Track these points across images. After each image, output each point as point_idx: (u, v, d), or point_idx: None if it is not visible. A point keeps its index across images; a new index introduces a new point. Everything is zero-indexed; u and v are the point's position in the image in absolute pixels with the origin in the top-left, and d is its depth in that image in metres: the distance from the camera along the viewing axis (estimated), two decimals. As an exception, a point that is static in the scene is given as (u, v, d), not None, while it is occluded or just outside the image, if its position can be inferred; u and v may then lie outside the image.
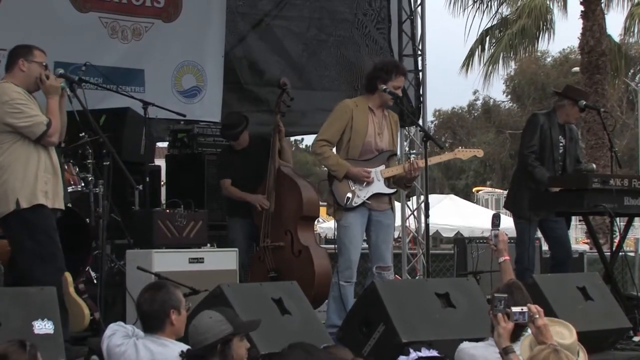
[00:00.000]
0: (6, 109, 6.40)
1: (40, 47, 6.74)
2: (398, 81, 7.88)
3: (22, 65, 6.58)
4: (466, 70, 24.77)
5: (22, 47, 6.73)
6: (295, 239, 8.54)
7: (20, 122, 6.41)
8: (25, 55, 6.62)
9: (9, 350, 4.29)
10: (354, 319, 6.66)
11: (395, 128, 8.09)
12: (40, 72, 6.60)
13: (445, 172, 46.22)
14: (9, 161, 6.41)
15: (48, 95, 6.60)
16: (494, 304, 5.00)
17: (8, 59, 6.73)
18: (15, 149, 6.42)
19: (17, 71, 6.60)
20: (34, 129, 6.43)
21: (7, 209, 6.40)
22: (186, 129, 10.39)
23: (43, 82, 6.57)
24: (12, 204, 6.37)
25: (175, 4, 10.59)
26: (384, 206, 7.92)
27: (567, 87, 9.49)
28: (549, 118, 8.89)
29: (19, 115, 6.41)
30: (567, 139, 8.93)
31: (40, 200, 6.44)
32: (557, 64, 42.22)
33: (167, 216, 7.83)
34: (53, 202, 6.55)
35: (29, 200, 6.41)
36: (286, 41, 11.48)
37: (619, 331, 7.41)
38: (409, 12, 11.78)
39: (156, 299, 5.19)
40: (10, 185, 6.39)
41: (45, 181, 6.48)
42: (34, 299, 5.57)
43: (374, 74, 7.95)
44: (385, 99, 7.88)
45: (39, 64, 6.63)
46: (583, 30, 20.31)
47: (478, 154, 8.51)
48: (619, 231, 8.62)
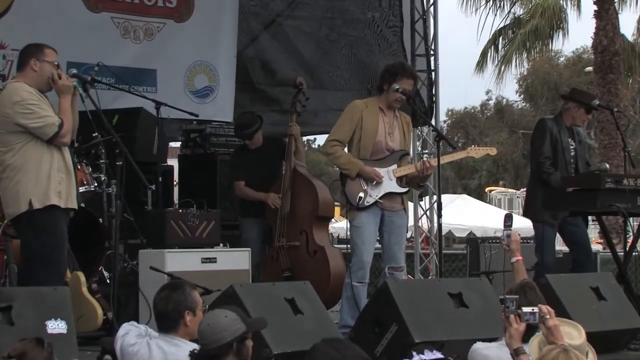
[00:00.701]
0: (17, 110, 6.38)
1: (51, 46, 6.71)
2: (404, 84, 7.83)
3: (34, 64, 6.56)
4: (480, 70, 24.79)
5: (33, 46, 6.71)
6: (310, 239, 8.54)
7: (32, 123, 6.39)
8: (37, 54, 6.60)
9: (26, 348, 4.30)
10: (367, 319, 6.64)
11: (407, 129, 8.07)
12: (52, 72, 6.57)
13: (457, 171, 46.16)
14: (22, 161, 6.40)
15: (60, 94, 6.57)
16: (506, 305, 4.99)
17: (19, 59, 6.72)
18: (28, 149, 6.41)
19: (28, 71, 6.57)
20: (45, 130, 6.41)
21: (19, 210, 6.40)
22: (198, 128, 10.41)
23: (55, 82, 6.54)
24: (24, 204, 6.36)
25: (188, 4, 10.61)
26: (397, 206, 7.90)
27: (572, 89, 9.47)
28: (556, 122, 8.87)
29: (30, 115, 6.39)
30: (577, 142, 8.91)
31: (53, 200, 6.43)
32: (570, 64, 42.12)
33: (179, 216, 7.84)
34: (66, 202, 6.53)
35: (42, 201, 6.39)
36: (298, 41, 11.50)
37: (632, 331, 7.39)
38: (422, 12, 11.77)
39: (171, 299, 5.18)
40: (22, 186, 6.38)
41: (58, 181, 6.46)
42: (48, 299, 5.57)
43: (382, 75, 7.97)
44: (390, 100, 7.86)
45: (50, 63, 6.60)
46: (596, 30, 20.26)
47: (491, 152, 8.50)
48: (632, 231, 8.60)
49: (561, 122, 8.88)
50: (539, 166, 8.76)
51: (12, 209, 6.46)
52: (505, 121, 44.18)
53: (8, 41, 9.35)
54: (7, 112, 6.40)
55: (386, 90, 7.84)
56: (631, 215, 8.33)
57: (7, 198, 6.50)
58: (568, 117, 8.90)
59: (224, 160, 10.02)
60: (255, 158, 8.98)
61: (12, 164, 6.42)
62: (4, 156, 6.44)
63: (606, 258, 12.01)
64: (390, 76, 7.85)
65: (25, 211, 6.37)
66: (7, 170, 6.43)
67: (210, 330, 4.74)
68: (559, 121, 8.89)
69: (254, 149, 9.06)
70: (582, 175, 8.72)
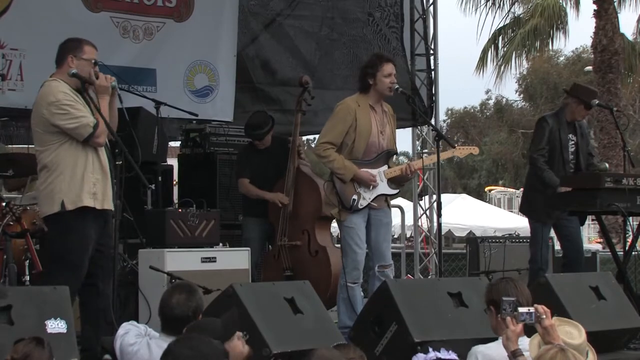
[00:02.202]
0: (53, 110, 6.29)
1: (91, 42, 6.55)
2: (386, 69, 7.71)
3: (71, 62, 6.43)
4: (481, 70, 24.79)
5: (72, 41, 6.56)
6: (312, 238, 8.55)
7: (67, 124, 6.30)
8: (74, 51, 6.46)
9: (28, 349, 4.28)
10: (366, 319, 6.64)
11: (393, 121, 7.97)
12: (90, 71, 6.44)
13: (457, 171, 46.17)
14: (57, 162, 6.33)
15: (98, 94, 6.46)
16: (502, 307, 5.00)
17: (58, 53, 6.55)
18: (64, 149, 6.32)
19: (65, 68, 6.44)
20: (80, 131, 6.32)
21: (51, 210, 6.33)
22: (198, 128, 10.40)
23: (92, 82, 6.44)
24: (57, 205, 6.29)
25: (187, 4, 10.61)
26: (382, 204, 7.85)
27: (574, 85, 9.47)
28: (557, 118, 8.89)
29: (65, 116, 6.30)
30: (578, 135, 8.92)
31: (86, 202, 6.36)
32: (570, 63, 42.09)
33: (179, 215, 7.84)
34: (102, 203, 6.45)
35: (74, 202, 6.32)
36: (298, 40, 11.50)
37: (632, 331, 7.39)
38: (421, 12, 11.77)
39: (191, 305, 5.13)
40: (57, 186, 6.31)
41: (93, 182, 6.38)
42: (48, 298, 5.56)
43: (363, 73, 7.83)
44: (383, 90, 7.74)
45: (88, 62, 6.47)
46: (596, 29, 20.25)
47: (474, 152, 8.48)
48: (631, 230, 8.60)
49: (562, 117, 8.90)
50: (533, 161, 8.81)
51: (45, 208, 6.40)
52: (505, 121, 44.14)
53: (7, 40, 9.37)
54: (43, 113, 6.33)
55: (373, 84, 7.73)
56: (631, 214, 8.34)
57: (41, 197, 6.46)
58: (568, 112, 8.92)
59: (223, 160, 10.02)
60: (262, 158, 8.98)
61: (48, 163, 6.35)
62: (41, 155, 6.39)
63: (606, 257, 12.01)
64: (371, 69, 7.73)
65: (57, 212, 6.30)
66: (44, 169, 6.38)
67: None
68: (559, 117, 8.91)
69: (262, 149, 9.05)
70: (581, 175, 8.72)
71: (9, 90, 9.42)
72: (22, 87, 9.48)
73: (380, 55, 8.07)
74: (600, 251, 13.78)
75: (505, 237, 11.77)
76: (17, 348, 4.31)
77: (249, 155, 9.15)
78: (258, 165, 8.97)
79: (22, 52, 9.45)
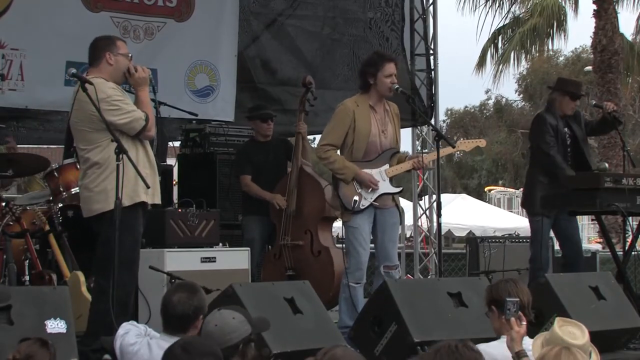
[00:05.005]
0: (104, 107, 6.19)
1: (120, 37, 6.56)
2: (388, 68, 7.69)
3: (110, 58, 6.42)
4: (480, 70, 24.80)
5: (104, 39, 6.56)
6: (315, 239, 8.56)
7: (120, 119, 6.25)
8: (110, 47, 6.45)
9: (31, 350, 4.27)
10: (366, 319, 6.65)
11: (397, 121, 7.94)
12: (128, 65, 6.44)
13: (457, 171, 46.15)
14: (108, 158, 6.23)
15: (137, 87, 6.44)
16: (507, 308, 5.01)
17: (91, 53, 6.53)
18: (114, 145, 6.13)
19: (104, 65, 6.42)
20: (134, 125, 6.28)
21: (107, 206, 6.21)
22: (198, 128, 10.41)
23: (132, 75, 6.42)
24: (112, 201, 6.13)
25: (188, 3, 10.61)
26: (389, 204, 7.82)
27: (558, 79, 9.48)
28: (551, 114, 8.90)
29: (117, 112, 6.25)
30: (574, 127, 8.93)
31: (142, 197, 6.34)
32: (570, 63, 42.08)
33: (179, 215, 7.84)
34: (153, 198, 6.46)
35: (132, 198, 6.27)
36: (300, 40, 11.51)
37: (631, 331, 7.39)
38: (421, 12, 11.77)
39: (193, 303, 5.12)
40: (111, 182, 6.18)
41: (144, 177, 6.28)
42: (47, 298, 5.57)
43: (363, 72, 7.81)
44: (383, 90, 7.73)
45: (125, 56, 6.48)
46: (595, 29, 20.25)
47: (481, 144, 8.45)
48: (631, 230, 8.60)
49: (554, 113, 8.91)
50: (552, 159, 8.72)
51: (100, 205, 6.29)
52: (505, 120, 44.16)
53: (7, 40, 9.36)
54: (92, 110, 6.20)
55: (374, 83, 7.72)
56: (630, 214, 8.34)
57: (92, 195, 6.34)
58: (557, 107, 8.94)
59: (223, 160, 10.02)
60: (263, 153, 9.00)
61: (100, 160, 6.28)
62: (89, 154, 6.33)
63: (605, 257, 12.03)
64: (372, 68, 7.71)
65: (113, 208, 6.15)
66: (94, 167, 6.32)
67: (219, 332, 4.69)
68: (552, 113, 8.92)
69: (262, 142, 9.05)
70: (581, 175, 8.72)
71: (9, 90, 9.41)
72: (22, 87, 9.48)
73: (382, 54, 8.05)
74: (600, 251, 13.81)
75: (505, 237, 11.78)
76: (21, 348, 4.30)
77: (249, 152, 9.16)
78: (257, 160, 8.99)
79: (22, 52, 9.45)
